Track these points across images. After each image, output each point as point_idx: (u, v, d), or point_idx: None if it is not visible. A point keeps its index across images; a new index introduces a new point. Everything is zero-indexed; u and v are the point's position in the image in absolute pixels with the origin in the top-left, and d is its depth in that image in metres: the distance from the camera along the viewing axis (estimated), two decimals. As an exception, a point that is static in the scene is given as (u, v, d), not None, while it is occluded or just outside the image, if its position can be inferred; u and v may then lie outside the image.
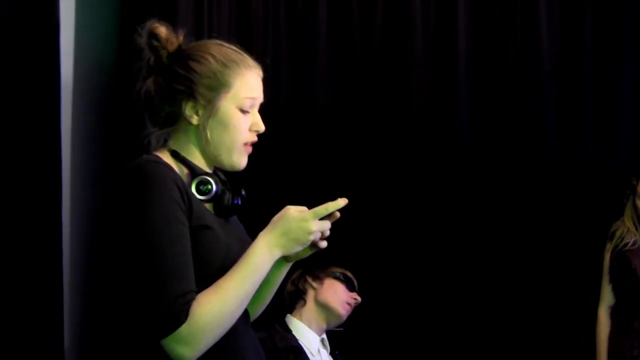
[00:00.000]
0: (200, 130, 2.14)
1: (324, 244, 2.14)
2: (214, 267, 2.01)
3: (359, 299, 3.78)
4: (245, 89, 2.16)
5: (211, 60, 2.14)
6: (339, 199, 2.09)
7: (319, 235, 2.10)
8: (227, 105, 2.14)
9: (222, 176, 2.24)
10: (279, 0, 4.27)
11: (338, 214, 2.11)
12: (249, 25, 4.17)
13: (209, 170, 2.18)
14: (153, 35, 2.16)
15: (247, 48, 2.25)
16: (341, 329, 3.81)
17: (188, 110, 2.14)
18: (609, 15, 4.30)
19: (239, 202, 2.17)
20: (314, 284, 3.75)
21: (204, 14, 3.98)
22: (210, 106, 2.13)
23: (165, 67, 2.16)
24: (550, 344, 4.10)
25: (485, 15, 4.32)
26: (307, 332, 3.69)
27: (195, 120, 2.14)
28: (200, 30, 3.90)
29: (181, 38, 2.20)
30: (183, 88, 2.13)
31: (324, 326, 3.75)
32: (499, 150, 4.25)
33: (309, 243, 2.09)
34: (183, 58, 2.16)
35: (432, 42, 4.31)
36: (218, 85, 2.13)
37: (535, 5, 4.28)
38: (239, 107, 2.15)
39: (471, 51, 4.29)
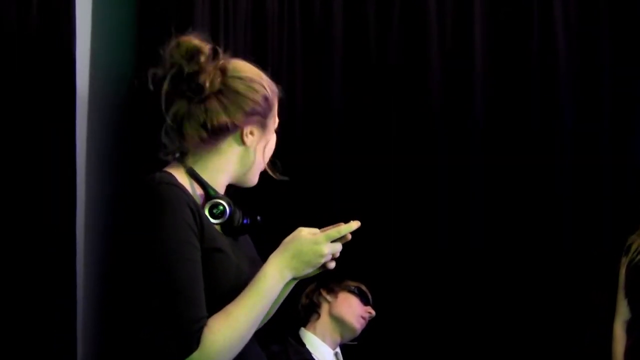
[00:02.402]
0: (248, 152, 2.17)
1: (332, 265, 2.14)
2: (224, 289, 2.01)
3: (373, 312, 3.78)
4: (276, 113, 2.24)
5: (265, 86, 2.18)
6: (352, 221, 2.09)
7: (330, 257, 2.09)
8: (272, 129, 2.23)
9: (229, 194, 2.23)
10: (294, 9, 4.25)
11: (350, 236, 2.10)
12: (265, 34, 4.14)
13: (222, 190, 2.18)
14: (196, 53, 2.12)
15: (262, 56, 2.24)
16: (355, 342, 3.80)
17: (245, 134, 2.16)
18: (627, 18, 4.25)
19: (248, 222, 2.17)
20: (329, 298, 3.74)
21: (220, 23, 3.96)
22: (264, 130, 2.19)
23: (217, 90, 2.13)
24: (556, 344, 4.08)
25: (502, 19, 4.29)
26: (321, 345, 3.68)
27: (249, 142, 2.16)
28: (216, 41, 3.86)
29: (224, 63, 2.17)
30: (240, 112, 2.13)
31: (338, 340, 3.74)
32: (514, 156, 4.21)
33: (320, 265, 2.09)
34: (235, 80, 2.14)
35: (448, 47, 4.29)
36: (268, 111, 2.19)
37: (550, 10, 4.24)
38: (275, 130, 2.24)
39: (487, 57, 4.27)
